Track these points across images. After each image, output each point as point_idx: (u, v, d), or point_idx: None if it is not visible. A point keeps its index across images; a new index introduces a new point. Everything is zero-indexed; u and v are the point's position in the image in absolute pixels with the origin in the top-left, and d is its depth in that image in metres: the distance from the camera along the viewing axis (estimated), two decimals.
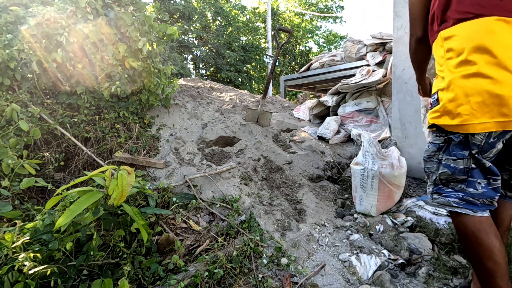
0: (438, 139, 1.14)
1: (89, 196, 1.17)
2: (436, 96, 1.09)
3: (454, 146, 1.08)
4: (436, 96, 1.09)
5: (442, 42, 1.08)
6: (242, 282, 1.30)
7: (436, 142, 1.15)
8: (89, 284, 1.13)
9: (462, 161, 1.07)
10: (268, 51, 12.35)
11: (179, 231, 1.62)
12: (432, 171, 1.17)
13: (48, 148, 2.05)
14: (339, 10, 20.09)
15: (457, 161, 1.07)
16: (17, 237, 1.08)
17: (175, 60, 9.06)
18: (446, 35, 1.06)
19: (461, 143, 1.06)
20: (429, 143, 1.19)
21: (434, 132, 1.16)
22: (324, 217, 1.89)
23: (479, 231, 1.05)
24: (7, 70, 1.89)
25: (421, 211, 1.92)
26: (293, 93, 13.58)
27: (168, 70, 2.67)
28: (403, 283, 1.37)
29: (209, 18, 13.18)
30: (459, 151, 1.07)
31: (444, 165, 1.11)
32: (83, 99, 2.19)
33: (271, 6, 13.35)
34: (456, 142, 1.06)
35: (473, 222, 1.07)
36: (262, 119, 2.96)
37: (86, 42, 2.06)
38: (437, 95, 1.08)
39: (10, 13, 1.89)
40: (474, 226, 1.06)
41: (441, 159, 1.13)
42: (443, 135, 1.11)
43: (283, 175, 2.32)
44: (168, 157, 2.27)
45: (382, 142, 2.81)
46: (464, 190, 1.08)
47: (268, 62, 9.03)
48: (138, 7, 2.36)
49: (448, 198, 1.11)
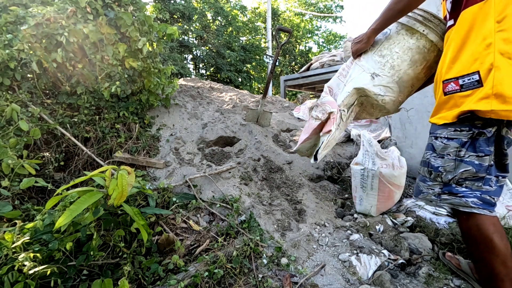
0: (461, 134, 1.01)
1: (89, 196, 1.17)
2: (478, 76, 0.93)
3: (483, 142, 0.98)
4: (478, 76, 0.93)
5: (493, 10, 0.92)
6: (242, 282, 1.30)
7: (457, 137, 1.02)
8: (89, 284, 1.13)
9: (488, 158, 0.98)
10: (268, 51, 12.35)
11: (179, 231, 1.62)
12: (447, 169, 1.05)
13: (48, 148, 2.05)
14: (338, 10, 20.10)
15: (484, 158, 0.98)
16: (17, 237, 1.08)
17: (175, 60, 9.06)
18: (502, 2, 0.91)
19: (490, 138, 0.97)
20: (444, 139, 1.06)
21: (453, 125, 1.03)
22: (324, 217, 1.89)
23: (494, 234, 0.98)
24: (7, 70, 1.89)
25: (421, 211, 1.92)
26: (293, 93, 13.58)
27: (168, 70, 2.67)
28: (403, 283, 1.37)
29: (209, 18, 13.18)
30: (486, 147, 0.98)
31: (467, 163, 1.00)
32: (83, 99, 2.19)
33: (271, 6, 13.35)
34: (487, 137, 0.97)
35: (488, 223, 1.00)
36: (262, 119, 2.96)
37: (86, 42, 2.06)
38: (479, 75, 0.93)
39: (10, 13, 1.89)
40: (490, 227, 0.99)
41: (463, 156, 1.02)
42: (468, 129, 0.99)
43: (283, 175, 2.32)
44: (168, 157, 2.27)
45: (382, 142, 2.81)
46: (481, 188, 1.00)
47: (268, 62, 9.03)
48: (138, 7, 2.36)
49: (466, 199, 1.02)
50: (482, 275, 1.05)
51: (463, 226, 1.07)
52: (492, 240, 0.98)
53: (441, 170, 1.07)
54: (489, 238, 0.98)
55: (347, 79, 1.48)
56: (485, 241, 0.99)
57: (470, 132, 0.99)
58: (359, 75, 1.43)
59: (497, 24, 0.91)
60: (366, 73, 1.41)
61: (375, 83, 1.38)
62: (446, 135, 1.05)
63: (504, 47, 0.90)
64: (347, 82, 1.47)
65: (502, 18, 0.91)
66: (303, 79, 5.41)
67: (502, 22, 0.91)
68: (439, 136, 1.08)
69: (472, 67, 0.95)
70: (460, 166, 1.02)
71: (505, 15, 0.91)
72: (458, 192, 1.04)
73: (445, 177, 1.06)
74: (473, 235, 1.02)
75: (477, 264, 1.06)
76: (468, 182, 1.02)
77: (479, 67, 0.93)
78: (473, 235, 1.02)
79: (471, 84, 0.94)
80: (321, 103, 1.55)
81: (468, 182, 1.02)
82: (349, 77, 1.47)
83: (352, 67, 1.48)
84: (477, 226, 1.00)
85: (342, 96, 1.47)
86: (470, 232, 1.03)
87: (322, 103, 1.54)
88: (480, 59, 0.93)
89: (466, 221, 1.04)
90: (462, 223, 1.07)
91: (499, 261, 0.97)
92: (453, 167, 1.04)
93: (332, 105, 1.49)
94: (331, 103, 1.50)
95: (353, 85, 1.43)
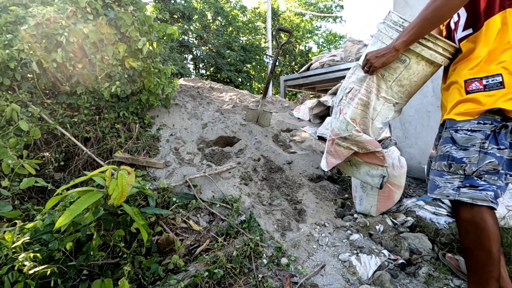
0: (484, 127, 1.05)
1: (89, 196, 1.17)
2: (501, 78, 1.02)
3: (504, 135, 1.04)
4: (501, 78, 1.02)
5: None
6: (242, 282, 1.30)
7: (482, 130, 1.05)
8: (89, 284, 1.13)
9: (507, 151, 1.04)
10: (268, 51, 12.36)
11: (179, 231, 1.62)
12: (471, 161, 1.07)
13: (48, 148, 2.05)
14: (339, 10, 20.10)
15: (504, 150, 1.03)
16: (17, 237, 1.08)
17: (175, 60, 9.06)
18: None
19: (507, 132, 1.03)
20: (467, 131, 1.09)
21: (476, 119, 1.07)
22: (324, 217, 1.89)
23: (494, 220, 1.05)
24: (7, 70, 1.89)
25: (421, 211, 1.92)
26: (293, 93, 13.59)
27: (168, 70, 2.67)
28: (403, 283, 1.37)
29: (209, 18, 13.18)
30: (505, 140, 1.04)
31: (491, 154, 1.04)
32: (83, 99, 2.19)
33: (271, 6, 13.35)
34: (507, 130, 1.03)
35: (492, 217, 1.05)
36: (262, 119, 2.96)
37: (86, 42, 2.06)
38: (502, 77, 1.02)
39: (10, 13, 1.89)
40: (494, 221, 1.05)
41: (487, 148, 1.05)
42: (490, 123, 1.04)
43: (283, 175, 2.32)
44: (168, 157, 2.27)
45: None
46: (497, 182, 1.04)
47: (268, 62, 9.04)
48: (138, 7, 2.36)
49: (486, 192, 1.04)
50: (478, 261, 1.07)
51: (466, 214, 1.08)
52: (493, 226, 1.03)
53: (466, 161, 1.08)
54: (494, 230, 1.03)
55: (372, 112, 1.53)
56: (488, 227, 1.03)
57: (492, 125, 1.04)
58: (384, 109, 1.52)
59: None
60: (389, 104, 1.52)
61: (396, 109, 1.53)
62: (469, 127, 1.08)
63: None
64: (375, 117, 1.54)
65: None
66: (303, 79, 5.41)
67: None
68: (461, 129, 1.10)
69: (496, 69, 1.03)
70: (485, 158, 1.05)
71: None
72: (479, 185, 1.06)
73: (469, 169, 1.07)
74: (477, 222, 1.05)
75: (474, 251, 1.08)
76: (487, 176, 1.05)
77: (501, 70, 1.02)
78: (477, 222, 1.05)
79: (494, 85, 1.02)
80: (355, 141, 1.60)
81: (487, 176, 1.05)
82: (373, 111, 1.53)
83: (373, 99, 1.52)
84: (484, 220, 1.04)
85: (375, 133, 1.59)
86: (474, 219, 1.06)
87: (359, 141, 1.59)
88: (503, 63, 1.02)
89: (470, 210, 1.07)
90: (466, 212, 1.08)
91: (496, 247, 1.03)
92: (477, 159, 1.06)
93: (374, 145, 1.57)
94: (371, 142, 1.56)
95: (382, 120, 1.54)
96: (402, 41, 1.24)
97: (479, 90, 1.05)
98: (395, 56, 1.30)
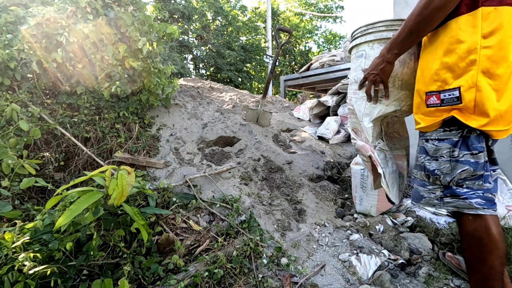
0: (451, 134, 0.99)
1: (89, 196, 1.17)
2: (458, 93, 0.92)
3: (474, 139, 0.96)
4: (458, 93, 0.92)
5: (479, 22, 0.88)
6: (242, 282, 1.30)
7: (448, 138, 1.00)
8: (89, 284, 1.13)
9: (482, 155, 0.96)
10: (268, 51, 12.35)
11: (179, 231, 1.62)
12: (444, 172, 1.02)
13: (48, 148, 2.05)
14: (339, 10, 20.09)
15: (478, 155, 0.96)
16: (17, 237, 1.08)
17: (175, 60, 9.05)
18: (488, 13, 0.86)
19: (479, 134, 0.96)
20: (434, 140, 1.04)
21: (442, 127, 1.02)
22: (324, 217, 1.89)
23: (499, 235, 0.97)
24: (7, 70, 1.89)
25: (421, 211, 1.92)
26: (293, 93, 13.58)
27: (168, 70, 2.67)
28: (403, 283, 1.37)
29: (209, 18, 13.17)
30: (478, 143, 0.96)
31: (463, 162, 0.98)
32: (83, 99, 2.19)
33: (271, 6, 13.35)
34: (477, 134, 0.95)
35: (494, 224, 0.98)
36: (262, 119, 2.96)
37: (86, 42, 2.06)
38: (459, 92, 0.92)
39: (10, 13, 1.89)
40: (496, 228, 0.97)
41: (457, 156, 0.99)
42: (457, 128, 0.98)
43: (283, 175, 2.32)
44: (168, 157, 2.27)
45: None
46: (482, 186, 0.98)
47: (268, 62, 9.03)
48: (138, 7, 2.36)
49: (469, 200, 0.99)
50: (479, 275, 1.02)
51: (468, 227, 1.02)
52: (497, 241, 0.97)
53: (438, 173, 1.04)
54: (496, 239, 0.97)
55: (359, 114, 1.45)
56: (491, 242, 0.97)
57: (459, 131, 0.98)
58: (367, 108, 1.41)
59: (483, 40, 0.87)
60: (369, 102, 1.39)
61: (386, 103, 1.36)
62: (436, 136, 1.04)
63: (487, 66, 0.88)
64: (362, 119, 1.44)
65: (489, 33, 0.87)
66: (303, 79, 5.40)
67: (489, 38, 0.87)
68: (430, 138, 1.06)
69: (454, 82, 0.94)
70: (457, 167, 1.00)
71: (492, 29, 0.87)
72: (460, 194, 1.01)
73: (444, 180, 1.04)
74: (479, 236, 0.99)
75: (476, 265, 1.04)
76: (468, 182, 0.99)
77: (461, 83, 0.92)
78: (479, 237, 0.99)
79: (451, 100, 0.95)
80: (358, 149, 1.57)
81: (469, 182, 0.99)
82: (359, 113, 1.45)
83: (355, 102, 1.45)
84: (485, 227, 0.98)
85: (368, 134, 1.46)
86: (477, 234, 1.00)
87: (358, 149, 1.56)
88: (462, 75, 0.92)
89: (472, 223, 1.01)
90: (468, 224, 1.02)
91: (499, 262, 0.97)
92: (449, 169, 1.01)
93: (365, 149, 1.49)
94: (363, 147, 1.51)
95: (370, 119, 1.41)
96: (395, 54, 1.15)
97: (437, 105, 0.99)
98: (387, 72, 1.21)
